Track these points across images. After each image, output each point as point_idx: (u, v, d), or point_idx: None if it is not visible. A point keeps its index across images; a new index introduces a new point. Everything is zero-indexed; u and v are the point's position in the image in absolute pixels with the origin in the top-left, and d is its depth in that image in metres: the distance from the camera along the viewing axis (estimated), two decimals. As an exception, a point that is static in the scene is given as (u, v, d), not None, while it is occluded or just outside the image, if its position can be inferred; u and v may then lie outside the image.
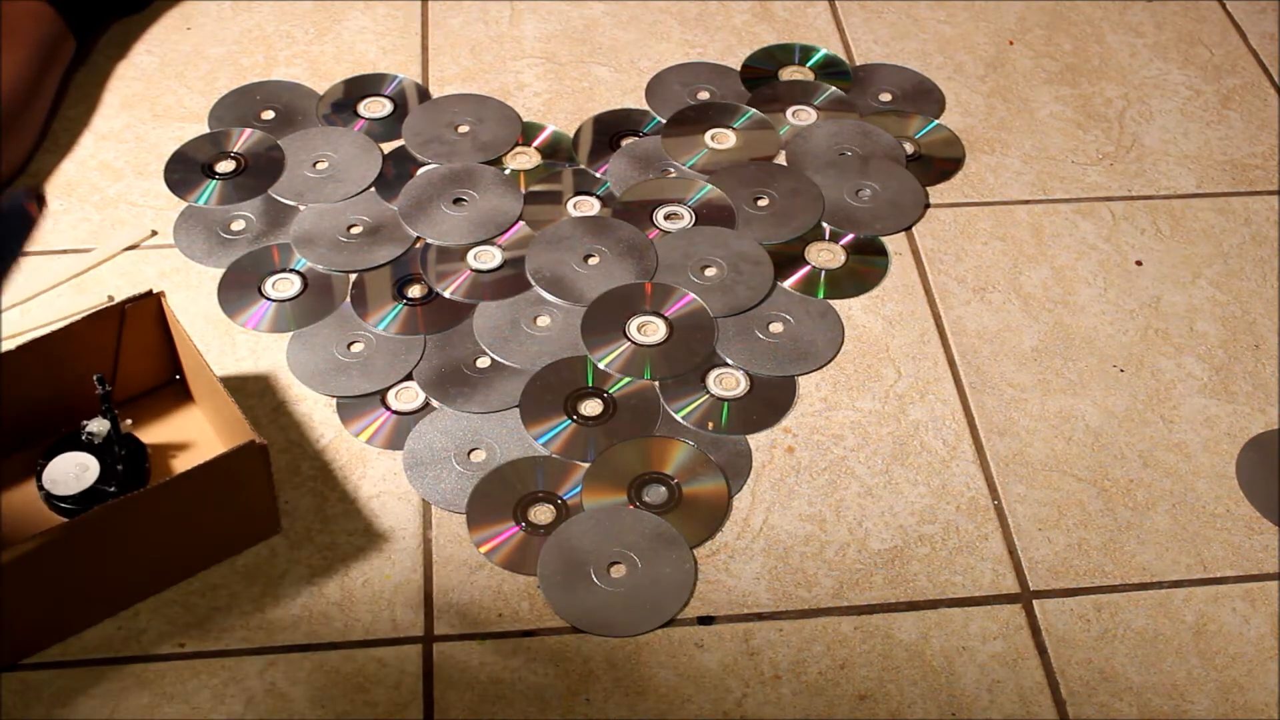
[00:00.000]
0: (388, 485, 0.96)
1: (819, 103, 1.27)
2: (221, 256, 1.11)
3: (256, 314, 1.07)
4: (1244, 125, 1.28)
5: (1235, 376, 1.06)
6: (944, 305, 1.10)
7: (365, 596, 0.90)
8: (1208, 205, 1.20)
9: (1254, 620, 0.91)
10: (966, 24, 1.37)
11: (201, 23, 1.33)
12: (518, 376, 1.03)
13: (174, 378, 1.00)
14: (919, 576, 0.93)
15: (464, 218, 1.14)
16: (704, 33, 1.34)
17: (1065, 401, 1.03)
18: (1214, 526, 0.96)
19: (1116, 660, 0.89)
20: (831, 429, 1.01)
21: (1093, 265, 1.14)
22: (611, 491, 0.96)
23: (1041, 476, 0.99)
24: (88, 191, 1.16)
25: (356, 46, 1.30)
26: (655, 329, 1.06)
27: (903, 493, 0.97)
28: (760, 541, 0.94)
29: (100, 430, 0.92)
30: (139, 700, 0.84)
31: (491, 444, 0.99)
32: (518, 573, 0.92)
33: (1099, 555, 0.94)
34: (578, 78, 1.29)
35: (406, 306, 1.07)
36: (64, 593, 0.84)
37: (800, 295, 1.10)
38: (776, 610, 0.91)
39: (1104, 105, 1.29)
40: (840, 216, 1.16)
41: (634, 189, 1.18)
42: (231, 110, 1.24)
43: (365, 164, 1.19)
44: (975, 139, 1.25)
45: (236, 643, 0.87)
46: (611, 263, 1.11)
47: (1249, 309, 1.11)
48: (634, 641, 0.88)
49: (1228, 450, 1.01)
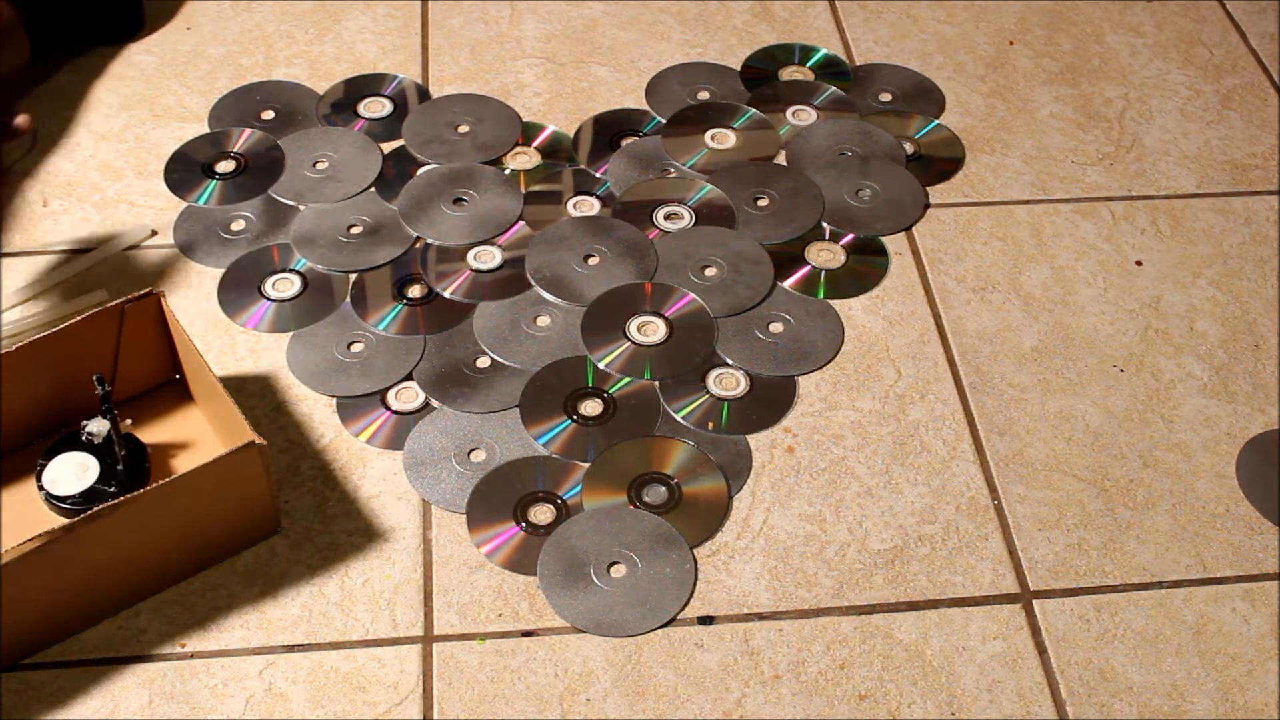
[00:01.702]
0: (388, 485, 0.96)
1: (819, 103, 1.27)
2: (221, 256, 1.11)
3: (256, 314, 1.07)
4: (1244, 125, 1.28)
5: (1235, 376, 1.06)
6: (944, 305, 1.10)
7: (365, 596, 0.90)
8: (1208, 205, 1.20)
9: (1254, 620, 0.91)
10: (966, 24, 1.37)
11: (201, 23, 1.33)
12: (518, 376, 1.03)
13: (174, 378, 1.00)
14: (919, 576, 0.93)
15: (464, 218, 1.14)
16: (704, 33, 1.34)
17: (1065, 401, 1.03)
18: (1214, 526, 0.96)
19: (1116, 660, 0.89)
20: (831, 429, 1.01)
21: (1093, 265, 1.14)
22: (611, 491, 0.96)
23: (1041, 476, 0.99)
24: (88, 191, 1.16)
25: (356, 46, 1.30)
26: (655, 329, 1.06)
27: (903, 493, 0.97)
28: (760, 541, 0.94)
29: (100, 430, 0.92)
30: (139, 700, 0.84)
31: (491, 444, 0.99)
32: (518, 573, 0.92)
33: (1099, 555, 0.94)
34: (578, 78, 1.29)
35: (406, 306, 1.07)
36: (64, 593, 0.84)
37: (800, 295, 1.10)
38: (776, 610, 0.91)
39: (1104, 105, 1.29)
40: (840, 216, 1.16)
41: (634, 189, 1.18)
42: (231, 110, 1.24)
43: (365, 164, 1.19)
44: (975, 139, 1.25)
45: (236, 643, 0.87)
46: (611, 263, 1.11)
47: (1249, 309, 1.11)
48: (634, 641, 0.88)
49: (1228, 450, 1.01)
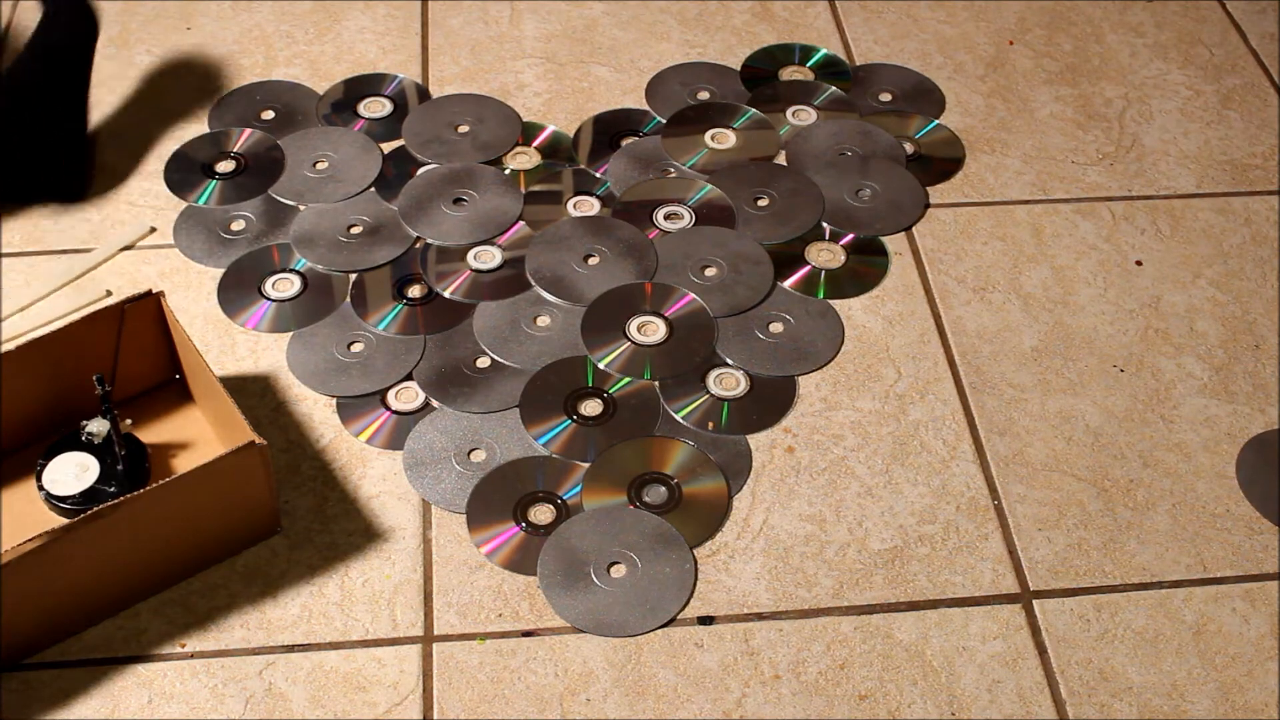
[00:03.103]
0: (388, 485, 0.96)
1: (819, 103, 1.27)
2: (221, 256, 1.11)
3: (256, 314, 1.07)
4: (1244, 125, 1.28)
5: (1235, 376, 1.06)
6: (944, 305, 1.10)
7: (365, 596, 0.90)
8: (1208, 205, 1.20)
9: (1254, 620, 0.91)
10: (966, 24, 1.37)
11: (201, 23, 1.33)
12: (518, 376, 1.03)
13: (174, 378, 1.00)
14: (919, 576, 0.93)
15: (464, 218, 1.14)
16: (704, 33, 1.34)
17: (1065, 401, 1.03)
18: (1214, 526, 0.96)
19: (1116, 660, 0.89)
20: (831, 429, 1.01)
21: (1093, 265, 1.14)
22: (611, 491, 0.96)
23: (1041, 476, 0.99)
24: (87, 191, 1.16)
25: (356, 46, 1.30)
26: (655, 329, 1.06)
27: (903, 493, 0.97)
28: (760, 541, 0.94)
29: (100, 430, 0.92)
30: (139, 700, 0.84)
31: (491, 444, 0.99)
32: (518, 573, 0.92)
33: (1099, 555, 0.94)
34: (578, 78, 1.29)
35: (406, 306, 1.07)
36: (64, 593, 0.84)
37: (800, 295, 1.10)
38: (776, 610, 0.91)
39: (1104, 105, 1.29)
40: (840, 216, 1.16)
41: (634, 189, 1.18)
42: (231, 110, 1.24)
43: (365, 164, 1.19)
44: (975, 139, 1.25)
45: (236, 643, 0.87)
46: (611, 263, 1.11)
47: (1249, 309, 1.11)
48: (634, 641, 0.88)
49: (1228, 450, 1.01)
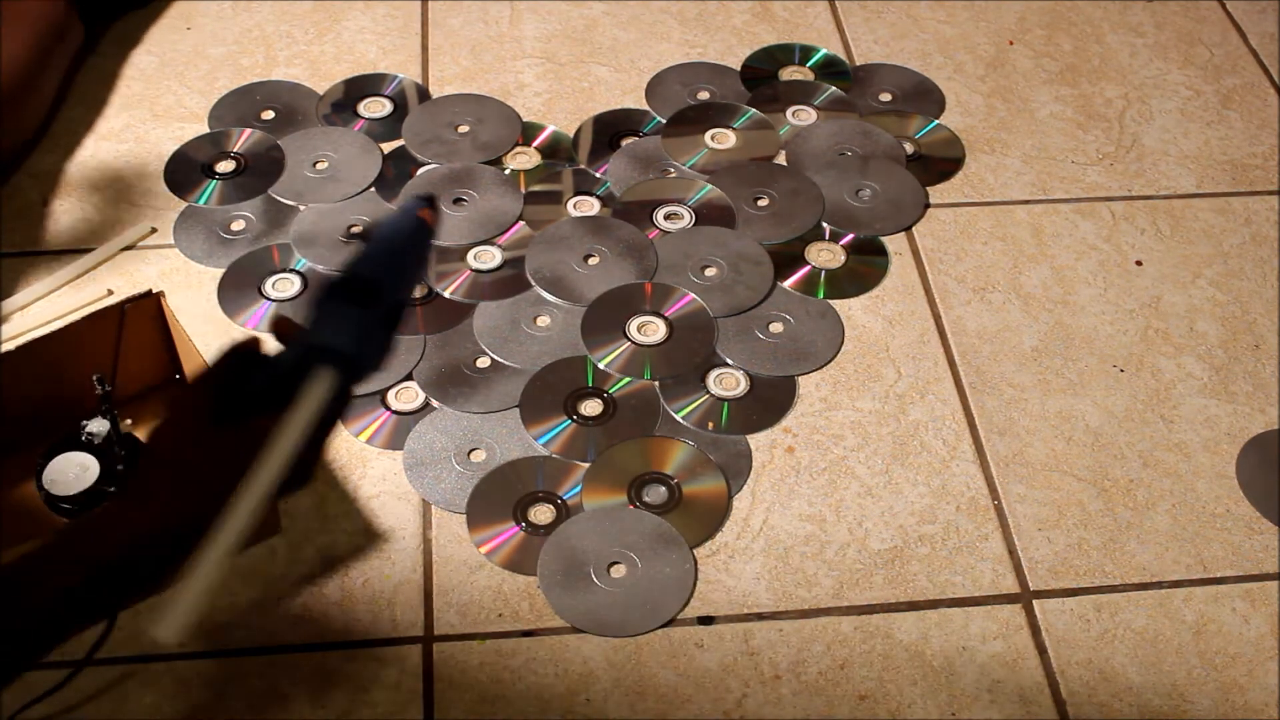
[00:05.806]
0: (388, 485, 0.96)
1: (819, 103, 1.27)
2: (221, 256, 1.11)
3: (256, 314, 1.07)
4: (1244, 125, 1.28)
5: (1235, 376, 1.06)
6: (944, 305, 1.10)
7: (365, 596, 0.90)
8: (1208, 205, 1.20)
9: (1254, 620, 0.91)
10: (966, 24, 1.37)
11: (201, 23, 1.33)
12: (518, 376, 1.03)
13: (174, 378, 1.00)
14: (919, 576, 0.93)
15: (464, 218, 1.14)
16: (704, 33, 1.34)
17: (1065, 401, 1.03)
18: (1214, 526, 0.96)
19: (1116, 660, 0.89)
20: (831, 429, 1.01)
21: (1093, 265, 1.14)
22: (611, 491, 0.96)
23: (1041, 476, 0.99)
24: (88, 191, 1.16)
25: (356, 46, 1.30)
26: (655, 329, 1.06)
27: (903, 493, 0.97)
28: (760, 541, 0.94)
29: (100, 430, 0.92)
30: (139, 700, 0.84)
31: (491, 444, 0.99)
32: (518, 573, 0.91)
33: (1099, 555, 0.94)
34: (578, 78, 1.29)
35: (406, 306, 1.07)
36: (64, 593, 0.84)
37: (800, 295, 1.10)
38: (776, 610, 0.91)
39: (1104, 105, 1.29)
40: (840, 216, 1.16)
41: (634, 189, 1.18)
42: (231, 110, 1.24)
43: (365, 164, 1.19)
44: (975, 139, 1.25)
45: (236, 643, 0.87)
46: (611, 263, 1.11)
47: (1249, 309, 1.11)
48: (634, 641, 0.88)
49: (1228, 450, 1.01)
